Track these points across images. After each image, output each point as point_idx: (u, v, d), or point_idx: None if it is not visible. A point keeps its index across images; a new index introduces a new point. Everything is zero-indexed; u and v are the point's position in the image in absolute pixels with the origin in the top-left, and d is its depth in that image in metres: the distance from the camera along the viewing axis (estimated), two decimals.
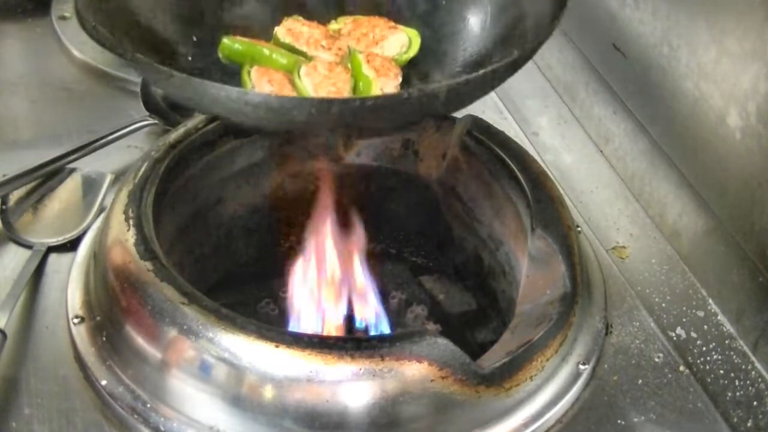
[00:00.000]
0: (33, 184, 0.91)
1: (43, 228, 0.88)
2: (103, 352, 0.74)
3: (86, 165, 0.94)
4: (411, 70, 0.84)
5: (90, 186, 0.92)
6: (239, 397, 0.67)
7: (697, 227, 0.89)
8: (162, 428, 0.69)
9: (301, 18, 0.85)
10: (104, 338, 0.74)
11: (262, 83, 0.78)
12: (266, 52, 0.81)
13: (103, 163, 0.95)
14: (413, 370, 0.66)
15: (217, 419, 0.68)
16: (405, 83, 0.82)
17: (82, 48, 1.13)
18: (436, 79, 0.83)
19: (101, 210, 0.89)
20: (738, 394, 0.79)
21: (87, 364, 0.74)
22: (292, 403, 0.66)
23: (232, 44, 0.81)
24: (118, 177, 0.93)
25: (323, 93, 0.77)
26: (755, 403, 0.78)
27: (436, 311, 0.91)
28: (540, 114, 1.11)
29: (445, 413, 0.68)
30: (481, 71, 0.67)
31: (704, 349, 0.83)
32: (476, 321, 0.91)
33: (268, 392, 0.66)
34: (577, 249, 0.79)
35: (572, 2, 0.76)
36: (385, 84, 0.79)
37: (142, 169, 0.81)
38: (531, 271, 0.78)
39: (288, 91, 0.78)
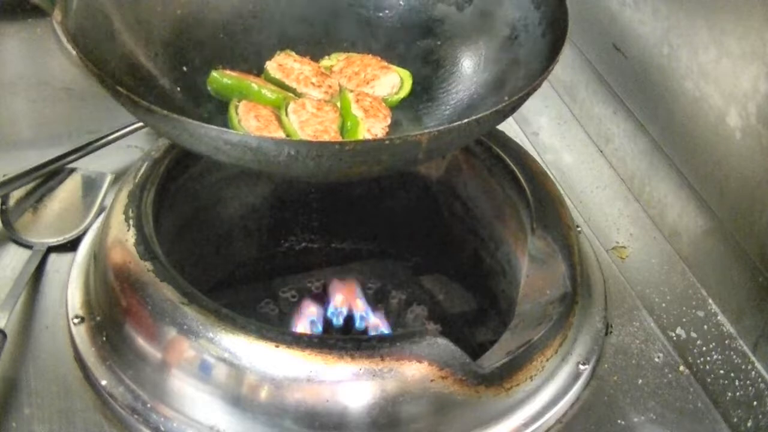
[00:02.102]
0: (33, 184, 0.91)
1: (43, 228, 0.88)
2: (103, 352, 0.74)
3: (86, 165, 0.94)
4: (401, 111, 0.82)
5: (90, 186, 0.92)
6: (239, 397, 0.67)
7: (697, 227, 0.89)
8: (162, 428, 0.69)
9: (293, 53, 0.84)
10: (104, 338, 0.74)
11: (249, 119, 0.76)
12: (255, 87, 0.80)
13: (103, 163, 0.95)
14: (413, 370, 0.66)
15: (217, 419, 0.68)
16: (395, 124, 0.80)
17: None
18: (426, 122, 0.81)
19: (101, 210, 0.88)
20: (738, 394, 0.79)
21: (87, 364, 0.74)
22: (292, 403, 0.66)
23: (220, 78, 0.80)
24: (118, 177, 0.93)
25: (309, 131, 0.76)
26: (755, 403, 0.78)
27: (436, 311, 0.91)
28: (540, 114, 1.11)
29: (445, 413, 0.68)
30: (465, 120, 0.65)
31: (704, 349, 0.83)
32: (476, 321, 0.91)
33: (268, 392, 0.66)
34: (577, 249, 0.79)
35: (572, 2, 0.76)
36: (373, 125, 0.77)
37: (142, 169, 0.81)
38: (531, 271, 0.78)
39: (274, 128, 0.76)
